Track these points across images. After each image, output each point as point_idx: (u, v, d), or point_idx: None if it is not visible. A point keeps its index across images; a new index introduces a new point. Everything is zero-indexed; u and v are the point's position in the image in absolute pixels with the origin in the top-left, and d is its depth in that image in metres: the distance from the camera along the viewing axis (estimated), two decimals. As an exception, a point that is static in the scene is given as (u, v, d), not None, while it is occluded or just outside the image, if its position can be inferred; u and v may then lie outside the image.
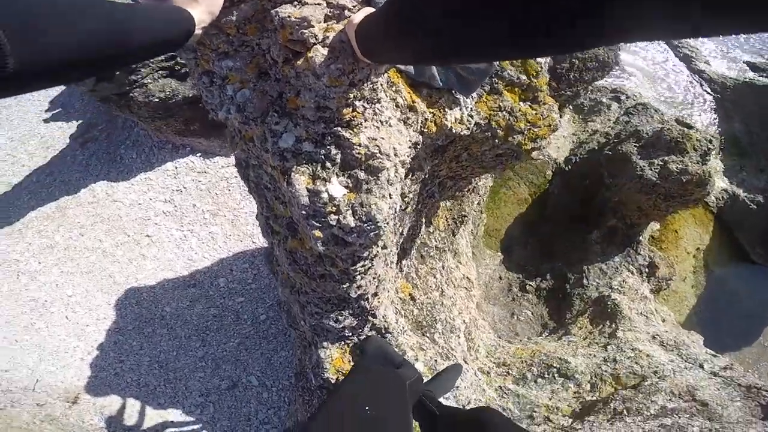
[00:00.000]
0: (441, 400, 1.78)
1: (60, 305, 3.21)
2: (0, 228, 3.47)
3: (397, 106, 1.16)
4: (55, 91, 4.31)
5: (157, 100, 3.04)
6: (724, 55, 6.69)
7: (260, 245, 3.38)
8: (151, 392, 2.95)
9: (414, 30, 0.51)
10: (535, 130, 1.56)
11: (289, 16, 0.82)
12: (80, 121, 4.05)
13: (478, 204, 3.28)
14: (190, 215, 3.47)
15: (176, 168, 3.62)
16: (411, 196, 1.57)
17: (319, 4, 0.84)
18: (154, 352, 3.07)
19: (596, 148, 3.96)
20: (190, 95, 3.16)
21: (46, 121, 4.13)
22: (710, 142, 3.26)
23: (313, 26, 0.83)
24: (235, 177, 3.59)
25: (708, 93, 5.98)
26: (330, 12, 0.87)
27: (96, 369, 3.01)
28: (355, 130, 0.98)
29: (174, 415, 2.89)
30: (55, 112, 4.19)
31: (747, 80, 5.95)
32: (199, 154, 3.68)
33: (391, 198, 1.04)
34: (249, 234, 3.45)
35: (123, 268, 3.32)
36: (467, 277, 3.01)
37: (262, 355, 3.09)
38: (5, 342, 3.08)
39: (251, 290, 3.26)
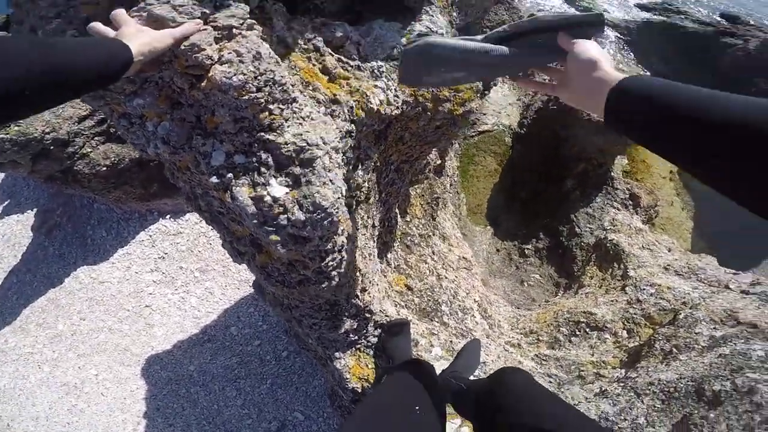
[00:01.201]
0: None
1: (91, 384, 3.19)
2: (1, 328, 3.43)
3: (319, 102, 1.22)
4: (-6, 182, 4.14)
5: (104, 168, 2.93)
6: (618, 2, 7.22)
7: (257, 287, 3.41)
8: (210, 450, 2.92)
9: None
10: (460, 95, 1.64)
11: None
12: (35, 209, 3.93)
13: (451, 186, 3.33)
14: (181, 278, 3.48)
15: (150, 236, 3.60)
16: (368, 185, 1.62)
17: (205, 29, 0.91)
18: (197, 410, 3.06)
19: (542, 106, 4.12)
20: (137, 156, 3.06)
21: (-1, 217, 4.01)
22: (642, 79, 3.45)
23: (204, 49, 0.90)
24: (212, 230, 3.60)
25: (619, 37, 6.44)
26: (219, 34, 0.94)
27: (152, 437, 2.98)
28: (278, 131, 1.03)
29: (240, 467, 2.85)
30: (5, 204, 4.07)
31: (644, 20, 6.50)
32: (168, 216, 3.65)
33: (333, 183, 1.09)
34: (244, 280, 3.47)
35: (135, 339, 3.31)
36: (463, 258, 3.03)
37: (297, 390, 3.08)
38: (58, 426, 3.06)
39: (264, 331, 3.27)
